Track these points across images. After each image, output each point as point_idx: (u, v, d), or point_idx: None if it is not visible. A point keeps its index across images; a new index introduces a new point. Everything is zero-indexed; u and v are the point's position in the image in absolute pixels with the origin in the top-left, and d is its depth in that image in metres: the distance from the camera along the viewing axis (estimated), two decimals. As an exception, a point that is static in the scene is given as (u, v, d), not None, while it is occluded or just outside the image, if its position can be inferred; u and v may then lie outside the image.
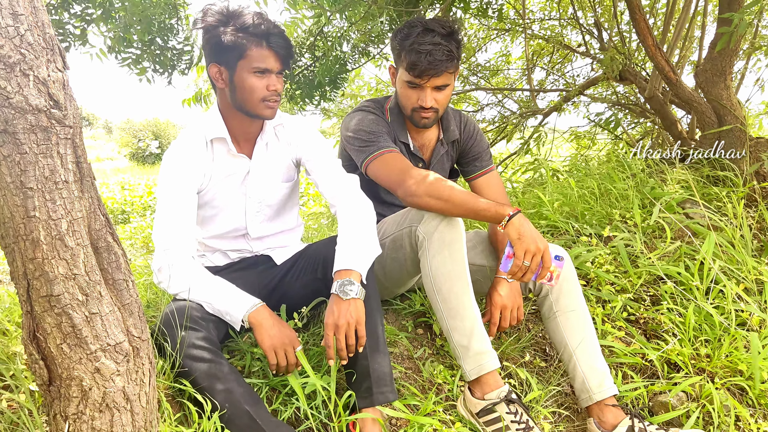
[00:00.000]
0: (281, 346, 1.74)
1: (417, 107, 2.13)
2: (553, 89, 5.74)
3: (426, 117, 2.15)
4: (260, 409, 1.62)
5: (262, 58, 1.81)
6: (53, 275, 1.21)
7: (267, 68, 1.82)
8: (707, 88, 3.39)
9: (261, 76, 1.83)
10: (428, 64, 2.01)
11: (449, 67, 2.04)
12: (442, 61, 2.01)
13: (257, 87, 1.83)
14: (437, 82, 2.07)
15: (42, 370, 1.30)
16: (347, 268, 1.78)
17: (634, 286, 2.45)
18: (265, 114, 1.89)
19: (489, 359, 1.86)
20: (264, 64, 1.81)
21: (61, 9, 3.29)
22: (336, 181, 2.04)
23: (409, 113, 2.17)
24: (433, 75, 2.04)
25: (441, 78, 2.06)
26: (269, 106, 1.87)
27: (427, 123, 2.17)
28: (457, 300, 1.90)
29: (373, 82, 6.05)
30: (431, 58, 2.00)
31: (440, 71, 2.03)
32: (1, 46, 1.11)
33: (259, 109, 1.87)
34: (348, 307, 1.72)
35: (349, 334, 1.71)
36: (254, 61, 1.81)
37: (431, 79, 2.05)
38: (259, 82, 1.83)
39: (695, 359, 2.13)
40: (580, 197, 3.31)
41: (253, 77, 1.82)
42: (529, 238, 1.83)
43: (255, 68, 1.81)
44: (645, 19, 3.32)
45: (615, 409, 1.88)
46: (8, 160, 1.14)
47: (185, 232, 1.86)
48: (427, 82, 2.06)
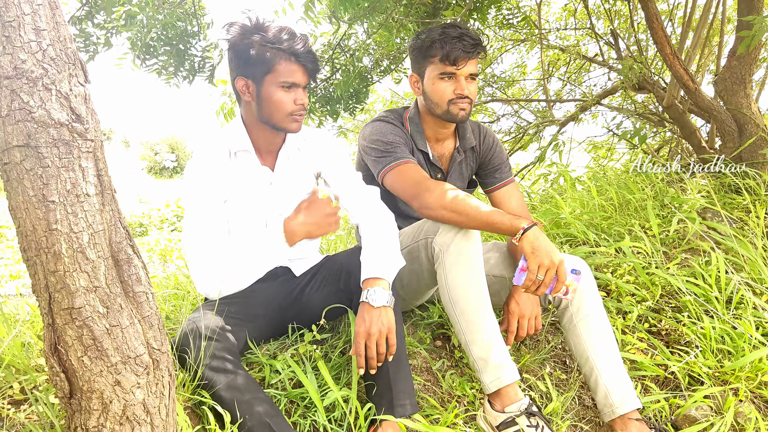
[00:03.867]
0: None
1: (454, 98, 2.14)
2: (569, 99, 5.71)
3: (463, 107, 2.16)
4: (280, 421, 1.62)
5: (290, 73, 1.82)
6: (74, 288, 1.21)
7: (295, 82, 1.83)
8: (727, 96, 3.36)
9: (288, 91, 1.84)
10: (463, 47, 2.07)
11: (480, 51, 2.12)
12: (473, 45, 2.08)
13: (285, 101, 1.84)
14: (470, 68, 2.12)
15: (63, 383, 1.30)
16: (376, 276, 1.78)
17: (654, 297, 2.42)
18: (291, 128, 1.90)
19: (508, 372, 1.84)
20: (292, 79, 1.82)
21: (86, 19, 3.36)
22: (358, 194, 2.05)
23: (446, 108, 2.17)
24: (468, 58, 2.09)
25: (473, 64, 2.12)
26: (296, 119, 1.89)
27: (465, 116, 2.17)
28: (475, 313, 1.88)
29: (387, 94, 6.07)
30: (464, 42, 2.07)
31: (473, 54, 2.09)
32: (24, 60, 1.12)
33: (285, 122, 1.88)
34: (379, 315, 1.71)
35: (380, 342, 1.71)
36: (282, 75, 1.81)
37: (466, 64, 2.10)
38: (286, 96, 1.84)
39: (718, 371, 2.09)
40: (599, 207, 3.29)
41: (280, 91, 1.83)
42: (544, 252, 1.81)
43: (283, 82, 1.82)
44: (663, 28, 3.30)
45: (639, 423, 1.85)
46: (30, 174, 1.15)
47: (222, 241, 1.90)
48: (463, 68, 2.11)
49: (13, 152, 1.14)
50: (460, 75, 2.11)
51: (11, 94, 1.12)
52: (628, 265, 2.56)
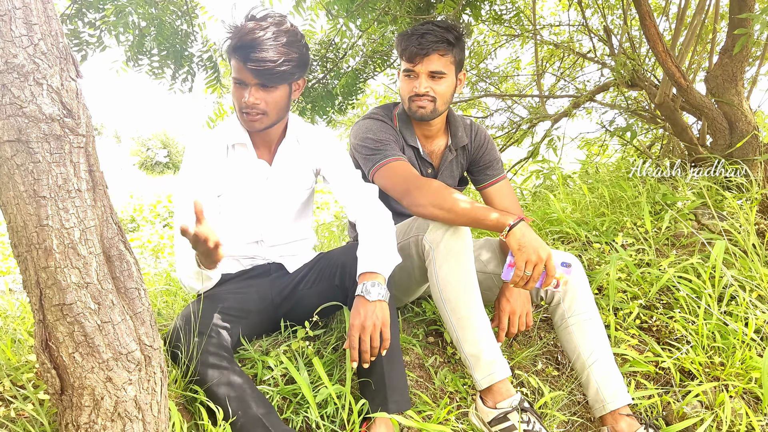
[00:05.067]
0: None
1: (413, 95, 2.14)
2: (562, 95, 5.72)
3: (421, 106, 2.15)
4: (272, 417, 1.62)
5: (237, 69, 1.81)
6: (66, 284, 1.21)
7: (242, 80, 1.82)
8: (718, 93, 3.38)
9: (239, 87, 1.84)
10: (418, 45, 2.05)
11: (439, 48, 2.07)
12: (432, 42, 2.05)
13: (236, 96, 1.85)
14: (430, 66, 2.09)
15: (54, 379, 1.30)
16: (372, 270, 1.78)
17: (647, 294, 2.43)
18: (246, 125, 1.90)
19: (500, 368, 1.85)
20: (239, 75, 1.81)
21: (75, 18, 3.31)
22: (356, 191, 2.04)
23: (408, 105, 2.18)
24: (423, 55, 2.06)
25: (433, 61, 2.08)
26: (247, 118, 1.86)
27: (424, 114, 2.17)
28: (466, 309, 1.88)
29: (381, 89, 6.05)
30: (422, 39, 2.05)
31: (430, 51, 2.06)
32: (15, 55, 1.11)
33: (241, 119, 1.88)
34: (374, 309, 1.71)
35: (374, 336, 1.71)
36: (233, 71, 1.82)
37: (423, 60, 2.08)
38: (237, 92, 1.84)
39: (709, 367, 2.10)
40: (590, 204, 3.30)
41: (234, 86, 1.84)
42: (530, 247, 1.82)
43: (234, 78, 1.83)
44: (655, 25, 3.30)
45: (629, 419, 1.86)
46: (21, 169, 1.15)
47: None
48: (420, 66, 2.09)
49: (4, 147, 1.14)
50: (419, 72, 2.11)
51: (2, 89, 1.12)
52: (621, 262, 2.57)
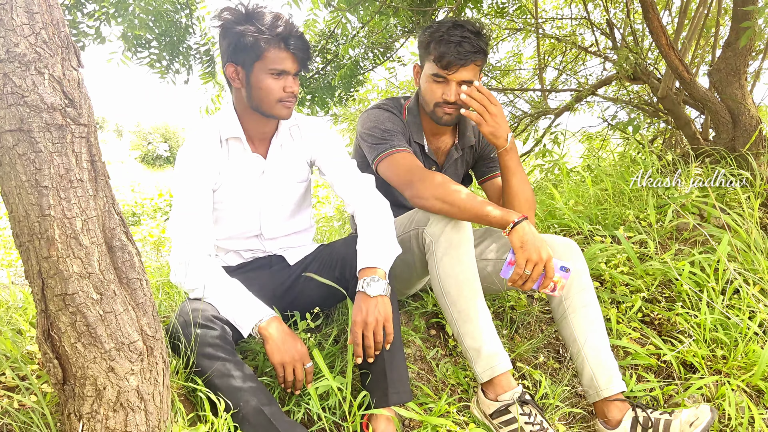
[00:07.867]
0: (291, 362, 1.72)
1: (441, 102, 2.11)
2: (564, 89, 5.70)
3: (449, 113, 2.13)
4: (275, 409, 1.62)
5: (279, 60, 1.80)
6: (68, 274, 1.21)
7: (284, 70, 1.82)
8: (721, 87, 3.36)
9: (278, 78, 1.83)
10: (457, 55, 2.01)
11: (476, 59, 2.05)
12: (471, 53, 2.02)
13: (274, 88, 1.83)
14: (463, 75, 2.06)
15: (56, 369, 1.30)
16: (372, 265, 1.77)
17: (649, 287, 2.43)
18: (281, 114, 1.89)
19: (501, 361, 1.85)
20: (281, 66, 1.81)
21: (75, 9, 3.30)
22: (352, 182, 2.04)
23: (432, 108, 2.16)
24: (461, 66, 2.04)
25: (468, 71, 2.06)
26: (286, 106, 1.87)
27: (449, 120, 2.16)
28: (467, 302, 1.88)
29: (382, 84, 6.03)
30: (460, 48, 2.01)
31: (468, 62, 2.03)
32: (17, 44, 1.11)
33: (275, 109, 1.87)
34: (376, 305, 1.71)
35: (377, 331, 1.71)
36: (271, 62, 1.80)
37: (458, 71, 2.05)
38: (275, 84, 1.83)
39: (711, 360, 2.10)
40: (593, 197, 3.29)
41: (269, 78, 1.82)
42: (532, 247, 1.81)
43: (272, 70, 1.81)
44: (659, 17, 3.29)
45: (620, 403, 1.86)
46: (23, 159, 1.14)
47: (202, 230, 1.86)
48: (454, 75, 2.06)
49: (6, 137, 1.13)
50: (452, 80, 2.08)
51: (3, 78, 1.11)
52: (623, 255, 2.56)
